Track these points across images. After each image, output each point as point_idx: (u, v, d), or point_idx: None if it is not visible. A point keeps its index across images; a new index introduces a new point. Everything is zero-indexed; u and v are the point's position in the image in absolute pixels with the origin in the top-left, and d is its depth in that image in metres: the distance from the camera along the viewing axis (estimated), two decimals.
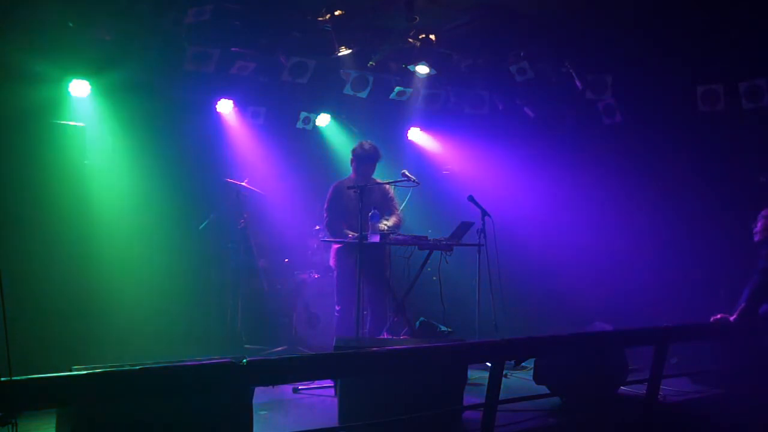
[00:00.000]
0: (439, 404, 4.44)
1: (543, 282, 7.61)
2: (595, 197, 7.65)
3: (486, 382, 4.11)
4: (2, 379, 2.59)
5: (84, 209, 6.06)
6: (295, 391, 5.40)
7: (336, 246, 6.36)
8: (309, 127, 8.06)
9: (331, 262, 6.50)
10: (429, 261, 6.27)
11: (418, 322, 6.13)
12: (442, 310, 6.32)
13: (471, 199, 6.50)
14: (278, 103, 7.68)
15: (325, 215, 6.41)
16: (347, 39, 6.71)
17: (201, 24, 6.09)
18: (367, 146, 6.39)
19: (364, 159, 6.35)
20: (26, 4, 5.64)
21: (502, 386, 4.09)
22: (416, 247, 6.17)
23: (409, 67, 7.41)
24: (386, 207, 6.28)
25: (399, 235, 6.11)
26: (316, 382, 5.42)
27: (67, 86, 6.30)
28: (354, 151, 6.44)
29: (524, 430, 4.59)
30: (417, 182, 6.20)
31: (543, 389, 5.19)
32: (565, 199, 7.87)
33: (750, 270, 5.52)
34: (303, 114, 7.96)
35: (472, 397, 4.93)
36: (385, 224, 5.95)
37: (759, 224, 5.38)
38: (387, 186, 6.43)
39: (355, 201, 5.87)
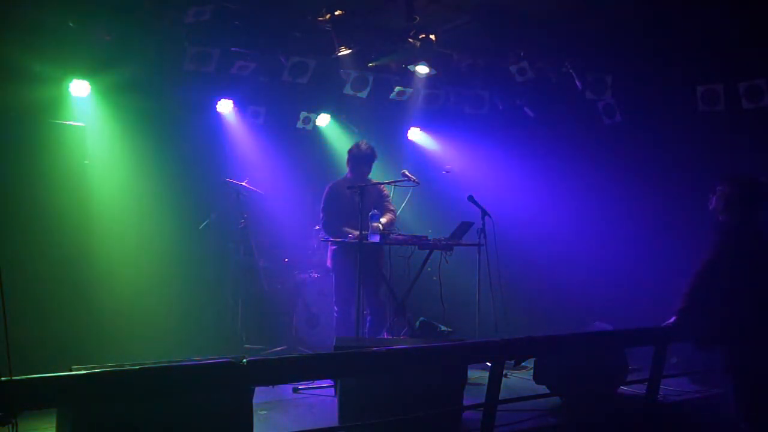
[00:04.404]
0: (439, 404, 4.44)
1: (543, 282, 7.61)
2: (595, 197, 7.65)
3: (486, 382, 4.12)
4: (2, 379, 2.59)
5: (84, 209, 6.06)
6: (295, 391, 5.40)
7: (332, 247, 6.36)
8: (309, 127, 8.06)
9: (328, 263, 6.49)
10: (429, 261, 6.27)
11: (418, 322, 6.12)
12: (442, 310, 6.32)
13: (471, 199, 6.50)
14: (278, 103, 7.67)
15: (321, 215, 6.41)
16: (347, 39, 6.71)
17: (201, 24, 6.09)
18: (364, 146, 6.39)
19: (362, 159, 6.35)
20: (26, 4, 5.64)
21: (502, 386, 4.09)
22: (416, 247, 6.17)
23: (409, 67, 7.41)
24: (381, 206, 6.28)
25: (399, 234, 6.10)
26: (316, 382, 5.42)
27: (67, 86, 6.29)
28: (351, 151, 6.44)
29: (524, 430, 4.59)
30: (417, 182, 6.20)
31: (543, 389, 5.20)
32: (565, 199, 7.87)
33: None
34: (303, 114, 7.95)
35: (472, 397, 4.93)
36: (378, 224, 5.94)
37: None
38: (383, 185, 6.43)
39: (352, 201, 5.86)
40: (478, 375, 5.65)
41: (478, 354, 4.52)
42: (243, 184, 6.96)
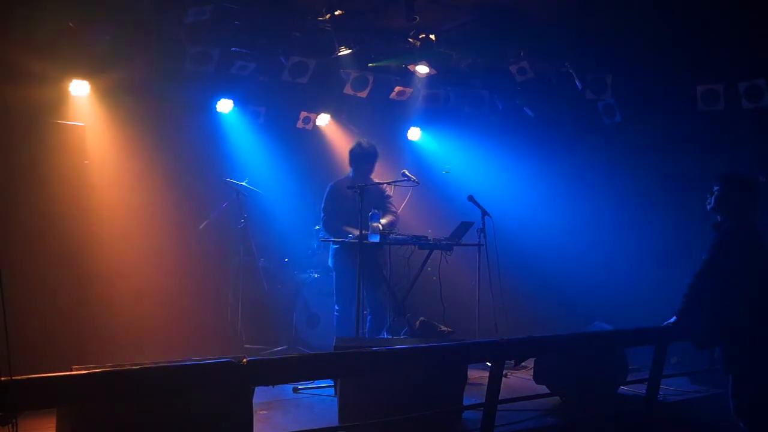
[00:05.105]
0: (439, 404, 4.45)
1: (543, 282, 7.61)
2: (595, 197, 7.65)
3: (486, 382, 4.11)
4: (2, 379, 2.59)
5: (84, 209, 6.06)
6: (295, 391, 5.40)
7: (334, 246, 6.36)
8: (309, 127, 8.06)
9: (330, 263, 6.49)
10: (429, 261, 6.27)
11: (418, 322, 6.13)
12: (442, 310, 6.32)
13: (471, 199, 6.50)
14: (278, 103, 7.68)
15: (322, 215, 6.42)
16: (347, 39, 6.71)
17: (201, 24, 6.09)
18: (365, 145, 6.40)
19: (364, 158, 6.36)
20: (26, 4, 5.64)
21: (502, 386, 4.09)
22: (416, 246, 6.17)
23: (409, 67, 7.41)
24: (382, 206, 6.29)
25: (399, 234, 6.11)
26: (316, 382, 5.42)
27: (67, 86, 6.30)
28: (353, 151, 6.44)
29: (524, 430, 4.60)
30: (417, 182, 6.20)
31: (543, 389, 5.20)
32: (565, 199, 7.87)
33: None
34: (303, 114, 7.96)
35: (472, 397, 4.93)
36: (379, 224, 5.94)
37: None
38: (384, 185, 6.43)
39: (353, 200, 5.86)
40: (478, 375, 5.65)
41: (478, 354, 4.52)
42: (243, 184, 6.96)
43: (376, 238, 5.83)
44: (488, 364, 4.65)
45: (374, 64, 7.24)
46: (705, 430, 5.10)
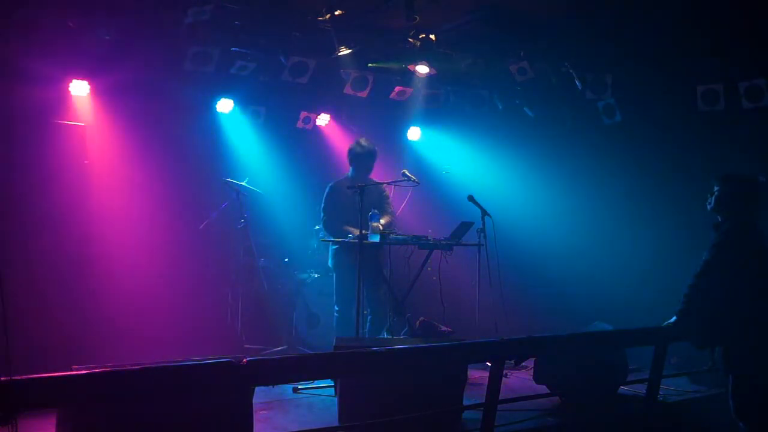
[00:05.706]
0: (439, 404, 4.44)
1: (543, 282, 7.61)
2: (595, 197, 7.65)
3: (486, 382, 4.11)
4: (2, 379, 2.59)
5: (84, 209, 6.06)
6: (295, 391, 5.40)
7: (333, 246, 6.36)
8: (309, 127, 8.06)
9: (330, 263, 6.49)
10: (429, 261, 6.27)
11: (418, 322, 6.13)
12: (442, 310, 6.32)
13: (471, 199, 6.50)
14: (278, 103, 7.68)
15: (322, 215, 6.42)
16: (347, 39, 6.71)
17: (201, 24, 6.09)
18: (365, 144, 6.40)
19: (363, 157, 6.36)
20: (26, 4, 5.64)
21: (502, 386, 4.09)
22: (416, 246, 6.17)
23: (409, 66, 7.41)
24: (381, 206, 6.29)
25: (399, 234, 6.11)
26: (316, 382, 5.42)
27: (67, 86, 6.30)
28: (352, 150, 6.44)
29: (524, 430, 4.60)
30: (417, 182, 6.20)
31: (543, 389, 5.20)
32: (564, 199, 7.87)
33: None
34: (303, 114, 7.96)
35: (472, 397, 4.93)
36: (379, 224, 5.94)
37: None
38: (384, 185, 6.43)
39: (353, 200, 5.86)
40: (478, 375, 5.66)
41: (478, 354, 4.51)
42: (243, 184, 6.96)
43: (376, 238, 5.83)
44: (488, 364, 4.65)
45: (374, 64, 7.25)
46: (705, 430, 5.10)
